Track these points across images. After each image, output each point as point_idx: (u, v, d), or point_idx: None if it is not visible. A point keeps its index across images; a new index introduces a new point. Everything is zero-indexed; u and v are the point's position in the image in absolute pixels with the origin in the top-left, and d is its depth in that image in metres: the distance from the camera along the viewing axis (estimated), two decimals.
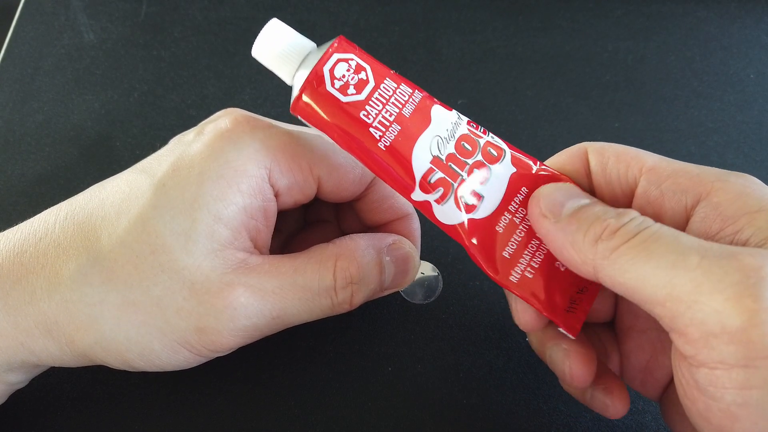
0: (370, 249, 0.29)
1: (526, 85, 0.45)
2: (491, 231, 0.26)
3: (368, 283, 0.29)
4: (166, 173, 0.26)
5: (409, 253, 0.30)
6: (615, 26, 0.48)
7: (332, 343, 0.34)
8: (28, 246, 0.26)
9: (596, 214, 0.24)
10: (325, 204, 0.34)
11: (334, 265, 0.27)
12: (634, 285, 0.22)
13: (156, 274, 0.25)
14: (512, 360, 0.34)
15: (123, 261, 0.25)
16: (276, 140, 0.27)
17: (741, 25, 0.49)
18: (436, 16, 0.48)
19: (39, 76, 0.45)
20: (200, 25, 0.48)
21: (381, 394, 0.33)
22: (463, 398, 0.33)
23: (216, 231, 0.25)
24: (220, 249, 0.25)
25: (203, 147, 0.26)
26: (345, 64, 0.25)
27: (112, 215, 0.26)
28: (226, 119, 0.27)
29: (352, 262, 0.28)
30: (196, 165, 0.26)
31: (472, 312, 0.36)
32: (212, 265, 0.25)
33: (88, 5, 0.49)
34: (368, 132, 0.25)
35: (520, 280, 0.26)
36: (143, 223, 0.25)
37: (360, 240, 0.29)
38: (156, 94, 0.44)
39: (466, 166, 0.26)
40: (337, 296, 0.28)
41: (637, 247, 0.22)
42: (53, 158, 0.41)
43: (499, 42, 0.47)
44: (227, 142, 0.26)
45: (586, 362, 0.27)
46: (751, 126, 0.44)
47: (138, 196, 0.26)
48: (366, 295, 0.29)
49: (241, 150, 0.26)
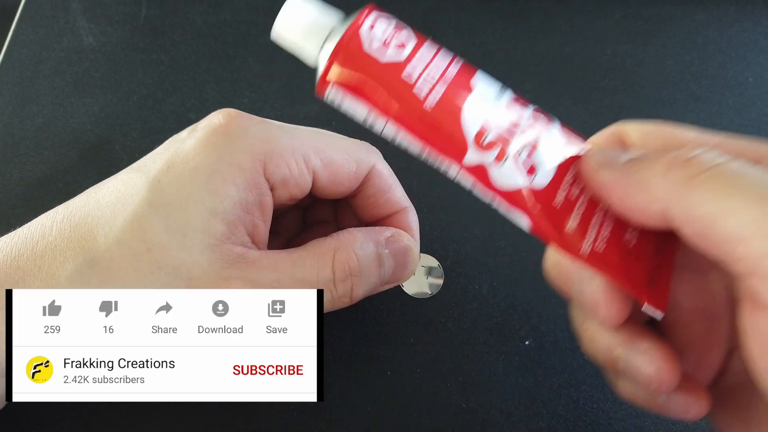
0: (368, 242, 0.29)
1: (524, 88, 0.45)
2: (551, 202, 0.24)
3: (368, 276, 0.28)
4: (161, 170, 0.26)
5: (407, 246, 0.30)
6: (614, 29, 0.49)
7: (331, 347, 0.34)
8: (25, 249, 0.26)
9: (658, 153, 0.21)
10: (323, 205, 0.35)
11: (333, 257, 0.27)
12: (712, 219, 0.19)
13: (153, 272, 0.25)
14: (512, 364, 0.34)
15: (120, 260, 0.25)
16: (270, 134, 0.27)
17: (739, 28, 0.49)
18: (435, 19, 0.48)
19: (38, 80, 0.45)
20: (200, 28, 0.48)
21: (380, 397, 0.33)
22: (462, 402, 0.33)
23: (212, 226, 0.25)
24: (217, 244, 0.25)
25: (197, 143, 0.27)
26: (385, 21, 0.23)
27: (108, 215, 0.26)
28: (219, 116, 0.27)
29: (350, 255, 0.28)
30: (189, 160, 0.26)
31: (471, 315, 0.36)
32: (209, 260, 0.25)
33: (87, 8, 0.49)
34: (412, 93, 0.23)
35: (591, 252, 0.23)
36: (139, 221, 0.25)
37: (358, 233, 0.29)
38: (155, 98, 0.44)
39: (519, 127, 0.24)
40: (336, 289, 0.28)
41: (716, 177, 0.19)
42: (52, 162, 0.41)
43: (498, 45, 0.47)
44: (220, 137, 0.26)
45: (672, 360, 0.23)
46: (750, 129, 0.44)
47: (133, 194, 0.26)
48: (366, 288, 0.29)
49: (234, 144, 0.26)
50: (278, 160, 0.27)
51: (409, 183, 0.33)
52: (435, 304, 0.35)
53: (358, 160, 0.30)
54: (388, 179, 0.31)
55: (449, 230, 0.38)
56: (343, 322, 0.35)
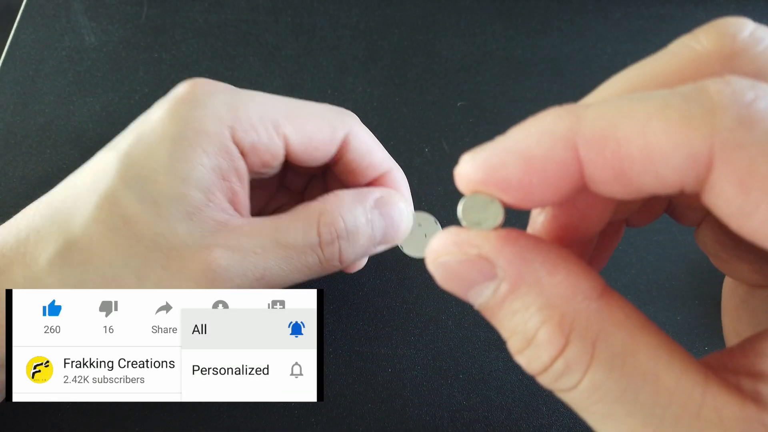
0: (356, 203, 0.28)
1: (525, 88, 0.45)
2: None
3: (356, 238, 0.28)
4: (130, 144, 0.26)
5: (398, 205, 0.29)
6: (614, 28, 0.48)
7: (332, 344, 0.34)
8: (10, 237, 0.26)
9: None
10: (315, 181, 0.34)
11: (318, 220, 0.27)
12: None
13: (131, 245, 0.25)
14: (511, 361, 0.34)
15: (98, 237, 0.25)
16: (236, 99, 0.27)
17: None
18: (436, 19, 0.48)
19: (40, 79, 0.45)
20: (201, 27, 0.48)
21: (380, 396, 0.33)
22: (462, 399, 0.33)
23: (186, 194, 0.25)
24: (194, 212, 0.25)
25: (162, 113, 0.26)
26: None
27: (84, 195, 0.26)
28: (186, 85, 0.27)
29: (336, 217, 0.27)
30: (157, 130, 0.26)
31: (471, 313, 0.36)
32: (188, 229, 0.25)
33: (89, 8, 0.49)
34: None
35: None
36: (112, 196, 0.25)
37: (345, 195, 0.28)
38: (157, 97, 0.44)
39: None
40: (323, 252, 0.27)
41: None
42: (54, 160, 0.41)
43: (499, 44, 0.47)
44: (185, 105, 0.26)
45: None
46: None
47: (106, 171, 0.26)
48: (356, 251, 0.28)
49: (199, 110, 0.26)
50: (246, 125, 0.26)
51: (410, 182, 0.33)
52: (435, 302, 0.36)
53: (333, 124, 0.29)
54: (368, 142, 0.30)
55: None
56: (343, 321, 0.35)
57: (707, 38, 0.17)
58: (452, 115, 0.43)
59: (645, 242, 0.38)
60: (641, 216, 0.22)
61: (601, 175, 0.15)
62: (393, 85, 0.44)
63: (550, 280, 0.16)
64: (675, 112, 0.14)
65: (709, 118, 0.13)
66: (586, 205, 0.19)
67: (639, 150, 0.14)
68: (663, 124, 0.14)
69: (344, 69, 0.45)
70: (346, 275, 0.36)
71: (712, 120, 0.13)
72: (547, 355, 0.15)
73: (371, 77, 0.45)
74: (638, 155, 0.14)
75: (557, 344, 0.15)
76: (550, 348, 0.15)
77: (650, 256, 0.38)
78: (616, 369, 0.15)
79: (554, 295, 0.15)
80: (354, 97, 0.44)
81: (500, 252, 0.16)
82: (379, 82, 0.45)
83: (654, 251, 0.38)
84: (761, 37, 0.16)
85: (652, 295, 0.37)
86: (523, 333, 0.16)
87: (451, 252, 0.17)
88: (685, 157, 0.13)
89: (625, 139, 0.14)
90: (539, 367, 0.16)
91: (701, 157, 0.13)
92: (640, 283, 0.37)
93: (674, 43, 0.17)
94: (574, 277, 0.16)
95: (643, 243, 0.38)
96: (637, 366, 0.15)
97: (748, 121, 0.13)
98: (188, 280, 0.25)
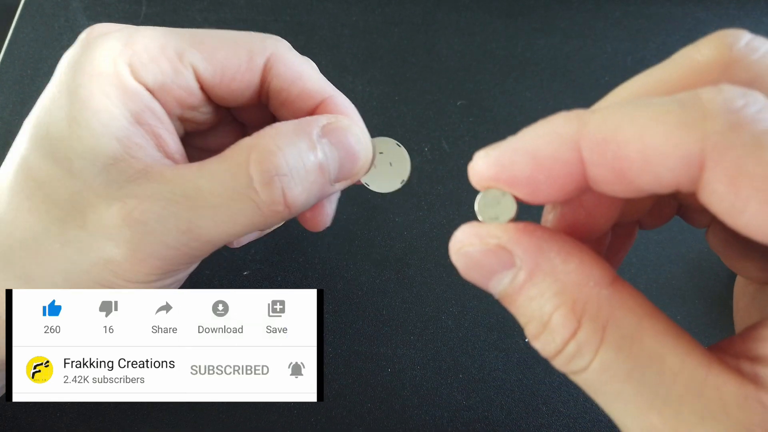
0: (298, 133, 0.24)
1: (525, 86, 0.45)
2: None
3: (303, 174, 0.24)
4: (38, 107, 0.25)
5: (351, 129, 0.25)
6: (614, 27, 0.48)
7: (331, 344, 0.34)
8: None
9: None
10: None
11: (248, 157, 0.23)
12: None
13: (48, 210, 0.23)
14: (511, 361, 0.34)
15: (18, 209, 0.23)
16: (133, 34, 0.24)
17: (740, 26, 0.49)
18: (435, 18, 0.48)
19: (39, 78, 0.45)
20: (200, 26, 0.48)
21: (380, 395, 0.33)
22: (462, 399, 0.33)
23: (99, 144, 0.23)
24: (112, 163, 0.23)
25: (60, 65, 0.25)
26: None
27: (3, 169, 0.25)
28: (83, 32, 0.25)
29: (273, 151, 0.23)
30: (56, 84, 0.24)
31: (471, 313, 0.36)
32: (105, 182, 0.22)
33: (87, 6, 0.49)
34: None
35: None
36: (25, 162, 0.24)
37: (283, 126, 0.24)
38: None
39: None
40: (259, 195, 0.23)
41: None
42: None
43: (499, 43, 0.47)
44: (79, 52, 0.24)
45: None
46: None
47: (19, 141, 0.25)
48: (307, 190, 0.24)
49: (92, 53, 0.24)
50: (144, 59, 0.24)
51: (410, 181, 0.32)
52: (435, 302, 0.35)
53: (250, 49, 0.26)
54: (297, 66, 0.26)
55: (448, 228, 0.38)
56: (343, 320, 0.35)
57: (708, 48, 0.18)
58: (452, 114, 0.43)
59: (645, 242, 0.38)
60: (652, 218, 0.23)
61: (603, 175, 0.16)
62: (392, 84, 0.44)
63: (564, 268, 0.17)
64: (671, 118, 0.15)
65: (701, 123, 0.14)
66: (592, 205, 0.20)
67: (637, 152, 0.15)
68: (659, 129, 0.15)
69: (344, 68, 0.45)
70: (346, 275, 0.36)
71: (704, 125, 0.14)
72: (561, 338, 0.16)
73: (371, 76, 0.45)
74: (636, 157, 0.15)
75: (570, 327, 0.16)
76: (563, 331, 0.16)
77: (650, 255, 0.38)
78: (624, 350, 0.16)
79: (568, 282, 0.16)
80: (353, 96, 0.44)
81: (518, 242, 0.17)
82: (379, 81, 0.44)
83: (654, 251, 0.38)
84: (756, 46, 0.17)
85: (652, 295, 0.37)
86: (539, 318, 0.17)
87: (473, 243, 0.18)
88: (680, 159, 0.15)
89: (624, 142, 0.15)
90: (553, 350, 0.17)
91: (694, 159, 0.14)
92: (640, 283, 0.37)
93: (678, 53, 0.19)
94: (586, 266, 0.17)
95: (643, 243, 0.38)
96: (644, 348, 0.16)
97: (737, 125, 0.14)
98: (106, 239, 0.22)
